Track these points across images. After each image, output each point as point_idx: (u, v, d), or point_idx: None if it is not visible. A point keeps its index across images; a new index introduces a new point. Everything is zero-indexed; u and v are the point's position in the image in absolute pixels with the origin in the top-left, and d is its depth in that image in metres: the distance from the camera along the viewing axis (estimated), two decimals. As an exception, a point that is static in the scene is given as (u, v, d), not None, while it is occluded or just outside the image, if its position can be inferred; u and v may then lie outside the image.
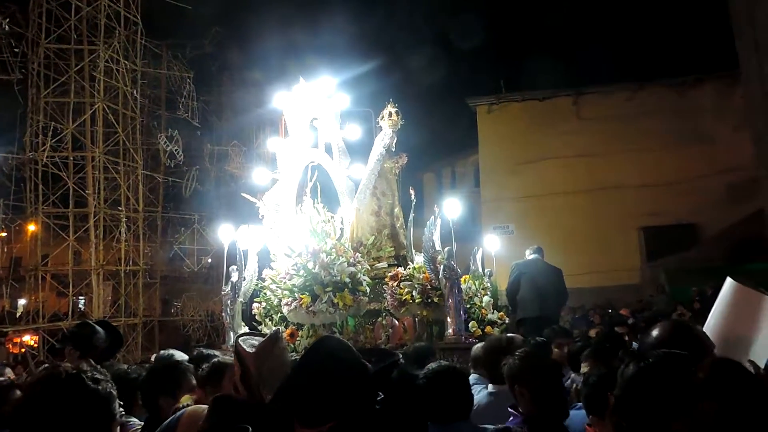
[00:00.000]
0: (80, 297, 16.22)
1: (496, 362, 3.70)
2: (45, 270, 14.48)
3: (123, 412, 1.87)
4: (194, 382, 3.15)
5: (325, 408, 1.71)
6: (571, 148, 18.88)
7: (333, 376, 1.73)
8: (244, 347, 1.91)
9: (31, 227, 15.24)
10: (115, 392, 1.80)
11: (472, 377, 4.05)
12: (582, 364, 3.69)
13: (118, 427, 1.82)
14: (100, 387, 1.75)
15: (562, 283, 7.30)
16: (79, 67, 14.27)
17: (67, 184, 14.11)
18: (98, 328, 4.11)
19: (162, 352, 4.63)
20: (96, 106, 14.12)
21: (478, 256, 7.07)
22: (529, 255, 7.49)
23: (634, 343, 6.65)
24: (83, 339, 3.97)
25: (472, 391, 3.08)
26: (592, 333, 8.26)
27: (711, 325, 2.96)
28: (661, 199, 18.02)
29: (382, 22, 31.34)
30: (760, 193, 14.49)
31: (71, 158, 14.32)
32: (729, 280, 2.99)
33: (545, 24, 26.46)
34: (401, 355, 2.26)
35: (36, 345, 14.33)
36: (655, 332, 2.68)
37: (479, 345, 4.31)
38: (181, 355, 4.33)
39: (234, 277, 6.12)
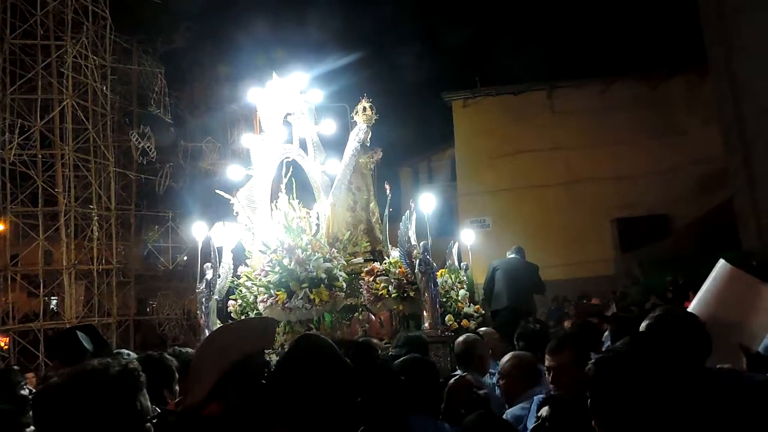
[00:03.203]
0: (52, 297, 15.93)
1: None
2: (15, 270, 14.18)
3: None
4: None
5: (307, 410, 1.69)
6: (546, 142, 19.06)
7: (316, 378, 1.71)
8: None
9: (0, 227, 14.90)
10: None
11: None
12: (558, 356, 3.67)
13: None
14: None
15: (537, 276, 7.41)
16: (46, 63, 13.95)
17: (36, 182, 13.82)
18: (85, 344, 3.89)
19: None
20: (65, 102, 13.83)
21: (455, 250, 7.09)
22: (509, 255, 7.62)
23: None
24: (72, 355, 3.75)
25: None
26: (567, 324, 8.37)
27: (699, 305, 2.93)
28: (634, 190, 18.30)
29: (357, 17, 31.27)
30: (730, 184, 14.81)
31: (40, 156, 14.01)
32: (722, 263, 2.96)
33: (519, 18, 26.63)
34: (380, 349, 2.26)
35: (6, 347, 14.04)
36: (644, 324, 2.59)
37: (460, 340, 4.30)
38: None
39: (209, 275, 6.05)
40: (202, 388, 1.94)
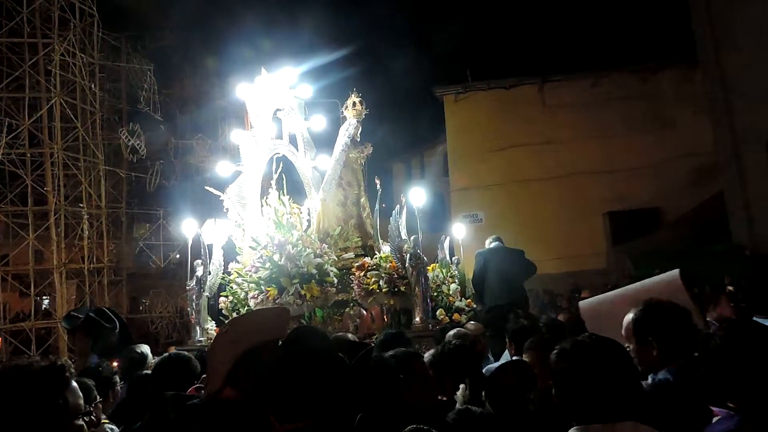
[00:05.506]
0: (44, 297, 15.83)
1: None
2: (5, 270, 14.08)
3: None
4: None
5: (303, 404, 1.69)
6: (537, 136, 19.06)
7: (312, 373, 1.71)
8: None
9: (-11, 226, 14.80)
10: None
11: None
12: (524, 355, 3.40)
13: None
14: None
15: (525, 259, 7.28)
16: (33, 61, 13.83)
17: (25, 181, 13.71)
18: (117, 324, 4.02)
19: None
20: (53, 101, 13.72)
21: (446, 245, 7.09)
22: (490, 244, 7.49)
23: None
24: (100, 329, 3.83)
25: None
26: (561, 317, 8.35)
27: (635, 286, 3.07)
28: (626, 184, 18.33)
29: (347, 12, 31.17)
30: (720, 176, 14.88)
31: (29, 155, 13.91)
32: (677, 272, 3.09)
33: (510, 12, 26.60)
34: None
35: (-1, 346, 13.96)
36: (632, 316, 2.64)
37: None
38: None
39: (199, 272, 6.02)
40: (217, 376, 2.07)
